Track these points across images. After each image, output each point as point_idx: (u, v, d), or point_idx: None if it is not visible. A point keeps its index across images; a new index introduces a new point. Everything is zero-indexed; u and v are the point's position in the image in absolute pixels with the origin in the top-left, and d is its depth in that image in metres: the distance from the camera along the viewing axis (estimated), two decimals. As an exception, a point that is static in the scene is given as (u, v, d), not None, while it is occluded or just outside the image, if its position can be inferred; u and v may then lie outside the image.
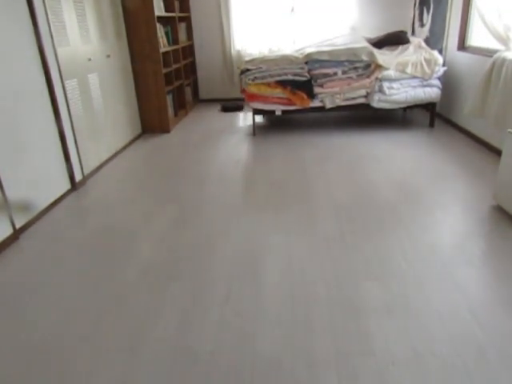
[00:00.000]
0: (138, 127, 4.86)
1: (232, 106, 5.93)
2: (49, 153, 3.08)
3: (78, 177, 3.42)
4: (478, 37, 4.24)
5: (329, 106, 4.47)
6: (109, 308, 1.97)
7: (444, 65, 4.53)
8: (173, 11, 5.23)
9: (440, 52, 4.69)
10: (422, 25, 5.43)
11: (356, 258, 2.27)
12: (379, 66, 4.32)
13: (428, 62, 4.34)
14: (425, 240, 2.42)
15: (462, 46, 4.47)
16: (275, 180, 3.39)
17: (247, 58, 4.71)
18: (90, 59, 3.69)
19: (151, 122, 4.92)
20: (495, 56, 3.47)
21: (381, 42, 4.95)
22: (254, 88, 4.44)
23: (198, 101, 6.62)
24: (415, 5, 5.67)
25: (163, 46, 4.83)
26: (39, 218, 2.90)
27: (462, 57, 4.39)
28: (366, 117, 5.26)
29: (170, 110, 5.08)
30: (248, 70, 4.47)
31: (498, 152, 3.62)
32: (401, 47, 4.79)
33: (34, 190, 2.88)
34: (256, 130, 4.81)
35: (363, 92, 4.41)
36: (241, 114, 5.72)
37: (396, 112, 5.34)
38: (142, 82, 4.73)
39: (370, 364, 1.58)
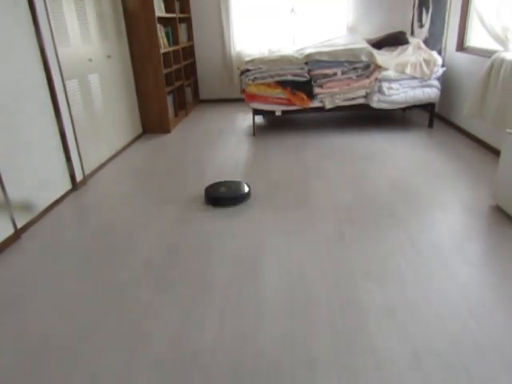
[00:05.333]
0: (138, 127, 4.87)
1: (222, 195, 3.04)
2: (50, 153, 3.09)
3: (78, 177, 3.43)
4: (477, 38, 4.26)
5: (328, 106, 4.49)
6: (109, 308, 1.98)
7: (443, 65, 4.55)
8: (173, 12, 5.23)
9: (439, 53, 4.71)
10: (421, 25, 5.44)
11: (356, 258, 2.29)
12: (379, 67, 4.33)
13: (427, 62, 4.36)
14: (424, 240, 2.43)
15: (461, 46, 4.48)
16: (275, 180, 3.41)
17: (247, 59, 4.72)
18: (90, 59, 3.70)
19: (152, 122, 4.93)
20: (494, 57, 3.48)
21: (380, 43, 4.97)
22: (253, 88, 4.46)
23: (199, 101, 6.63)
24: (414, 5, 5.68)
25: (163, 46, 4.83)
26: (40, 217, 2.91)
27: (461, 57, 4.40)
28: (365, 117, 5.27)
29: (171, 111, 5.09)
30: (248, 70, 4.48)
31: (496, 152, 3.63)
32: (400, 48, 4.81)
33: (35, 189, 2.89)
34: (256, 130, 4.82)
35: (363, 92, 4.42)
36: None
37: (395, 112, 5.36)
38: (142, 83, 4.74)
39: (370, 364, 1.60)
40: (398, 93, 4.39)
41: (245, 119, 5.48)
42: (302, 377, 1.55)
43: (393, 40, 4.98)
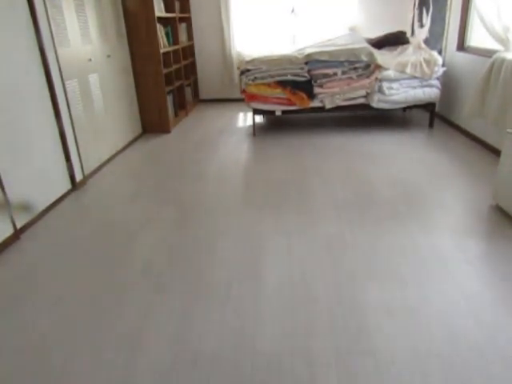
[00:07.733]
0: (138, 127, 4.86)
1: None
2: (49, 153, 3.09)
3: (78, 177, 3.43)
4: (478, 37, 4.25)
5: (328, 106, 4.48)
6: (109, 308, 1.98)
7: (443, 65, 4.54)
8: (173, 12, 5.23)
9: (439, 52, 4.70)
10: (422, 25, 5.43)
11: (356, 257, 2.28)
12: (379, 67, 4.32)
13: (427, 62, 4.35)
14: (424, 240, 2.43)
15: (462, 46, 4.47)
16: (275, 180, 3.40)
17: (247, 59, 4.71)
18: (90, 59, 3.69)
19: (151, 122, 4.93)
20: (494, 56, 3.48)
21: (380, 43, 4.96)
22: (254, 88, 4.45)
23: (198, 101, 6.62)
24: (415, 5, 5.68)
25: (163, 46, 4.83)
26: (40, 217, 2.90)
27: (462, 57, 4.40)
28: (365, 117, 5.27)
29: (171, 110, 5.09)
30: (248, 70, 4.47)
31: (497, 152, 3.63)
32: (400, 47, 4.81)
33: (35, 189, 2.89)
34: (256, 130, 4.81)
35: (363, 92, 4.42)
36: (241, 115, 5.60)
37: (395, 112, 5.35)
38: (142, 82, 4.74)
39: (370, 364, 1.59)
40: (399, 92, 4.39)
41: (245, 119, 5.47)
42: (302, 377, 1.55)
43: (393, 40, 4.97)
